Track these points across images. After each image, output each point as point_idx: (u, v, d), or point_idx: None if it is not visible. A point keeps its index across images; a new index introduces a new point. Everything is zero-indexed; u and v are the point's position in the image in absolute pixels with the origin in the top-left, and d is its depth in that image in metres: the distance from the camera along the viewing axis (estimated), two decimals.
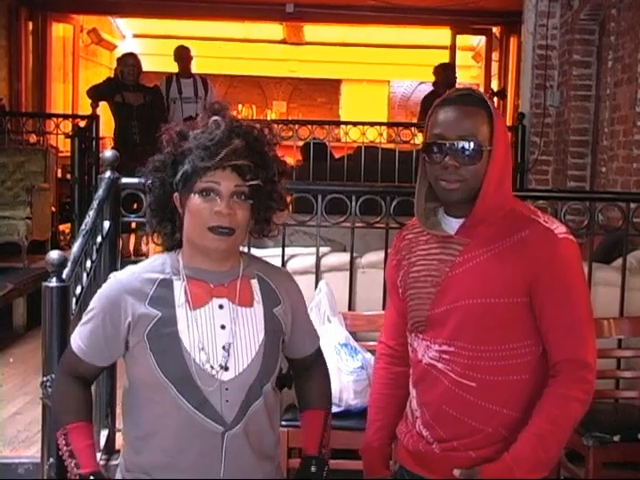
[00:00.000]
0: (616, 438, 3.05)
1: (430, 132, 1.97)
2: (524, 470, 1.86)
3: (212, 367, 1.87)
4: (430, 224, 2.03)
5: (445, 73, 8.67)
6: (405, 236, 2.12)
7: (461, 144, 1.92)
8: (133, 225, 6.26)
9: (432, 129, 1.97)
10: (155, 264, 1.96)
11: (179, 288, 1.91)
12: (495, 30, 10.66)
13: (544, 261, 1.90)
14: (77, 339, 1.97)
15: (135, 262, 2.05)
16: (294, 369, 2.13)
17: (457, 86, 9.26)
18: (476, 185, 1.93)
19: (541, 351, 1.95)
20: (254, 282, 1.98)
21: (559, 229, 1.94)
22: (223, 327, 1.90)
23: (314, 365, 2.13)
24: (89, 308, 1.97)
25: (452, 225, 2.00)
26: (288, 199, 2.06)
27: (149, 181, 1.96)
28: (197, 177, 1.86)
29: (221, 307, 1.92)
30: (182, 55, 8.29)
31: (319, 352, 2.15)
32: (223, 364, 1.88)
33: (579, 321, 1.93)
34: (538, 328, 1.94)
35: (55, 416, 2.03)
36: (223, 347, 1.89)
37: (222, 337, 1.90)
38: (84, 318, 1.98)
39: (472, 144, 1.92)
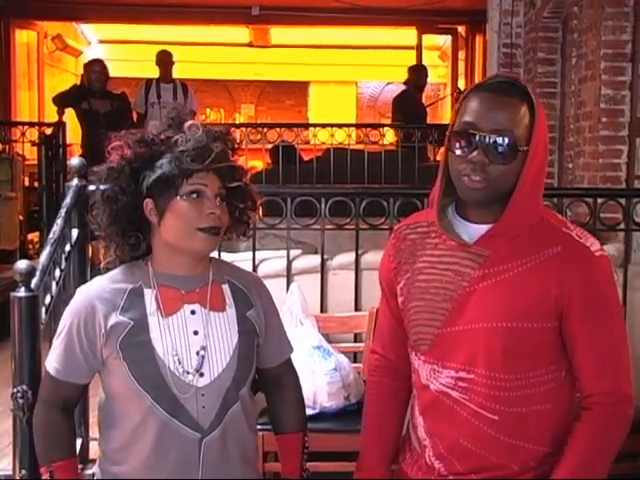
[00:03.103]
0: None
1: (460, 119, 1.72)
2: None
3: (187, 373, 1.86)
4: (443, 226, 1.78)
5: (417, 74, 8.88)
6: (407, 236, 1.86)
7: (494, 138, 1.67)
8: None
9: (462, 116, 1.71)
10: (123, 274, 1.94)
11: (150, 296, 1.90)
12: (460, 29, 10.74)
13: (580, 283, 1.69)
14: (53, 362, 1.92)
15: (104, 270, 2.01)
16: (265, 382, 2.07)
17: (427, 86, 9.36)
18: (503, 188, 1.69)
19: (564, 375, 1.76)
20: (225, 287, 1.97)
21: (595, 246, 1.73)
22: (196, 333, 1.89)
23: (285, 377, 2.08)
24: (60, 328, 1.93)
25: (468, 231, 1.76)
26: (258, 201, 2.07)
27: (105, 192, 1.91)
28: (182, 180, 1.85)
29: (193, 313, 1.91)
30: (164, 59, 8.26)
31: (290, 362, 2.11)
32: (198, 370, 1.87)
33: (618, 348, 1.72)
34: (569, 355, 1.73)
35: (38, 449, 1.94)
36: (197, 353, 1.88)
37: (195, 343, 1.89)
38: (56, 340, 1.93)
39: (507, 140, 1.67)
